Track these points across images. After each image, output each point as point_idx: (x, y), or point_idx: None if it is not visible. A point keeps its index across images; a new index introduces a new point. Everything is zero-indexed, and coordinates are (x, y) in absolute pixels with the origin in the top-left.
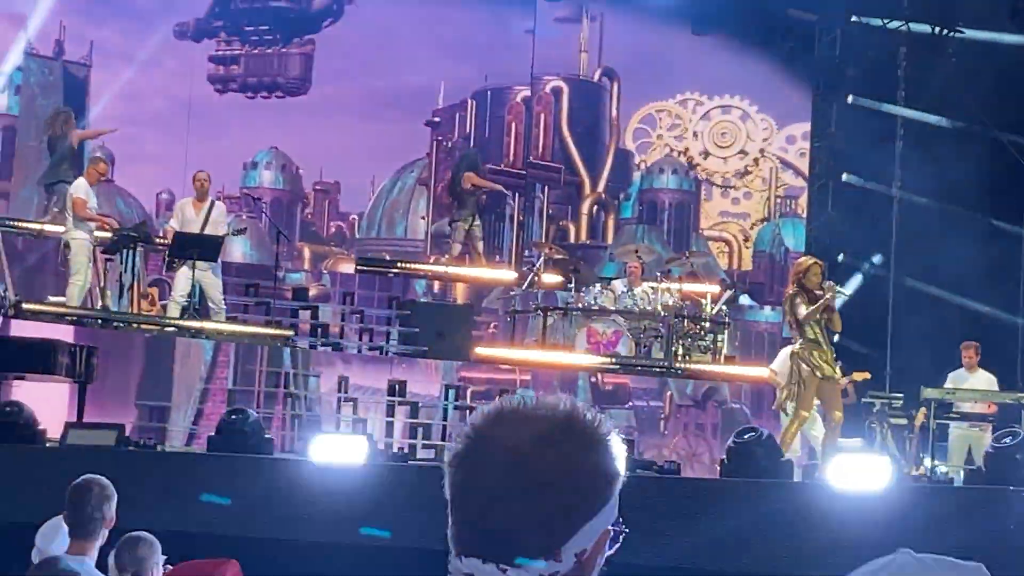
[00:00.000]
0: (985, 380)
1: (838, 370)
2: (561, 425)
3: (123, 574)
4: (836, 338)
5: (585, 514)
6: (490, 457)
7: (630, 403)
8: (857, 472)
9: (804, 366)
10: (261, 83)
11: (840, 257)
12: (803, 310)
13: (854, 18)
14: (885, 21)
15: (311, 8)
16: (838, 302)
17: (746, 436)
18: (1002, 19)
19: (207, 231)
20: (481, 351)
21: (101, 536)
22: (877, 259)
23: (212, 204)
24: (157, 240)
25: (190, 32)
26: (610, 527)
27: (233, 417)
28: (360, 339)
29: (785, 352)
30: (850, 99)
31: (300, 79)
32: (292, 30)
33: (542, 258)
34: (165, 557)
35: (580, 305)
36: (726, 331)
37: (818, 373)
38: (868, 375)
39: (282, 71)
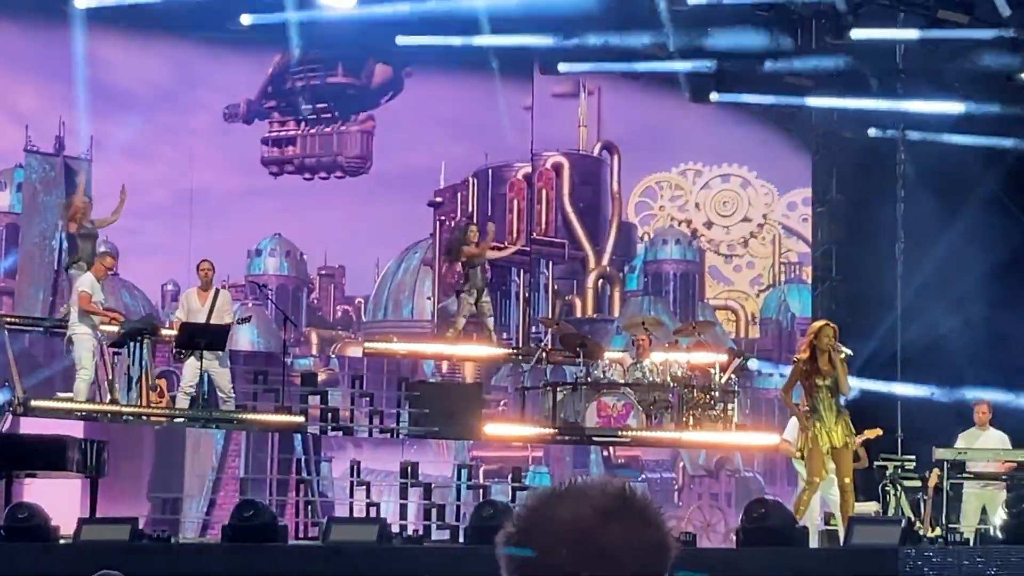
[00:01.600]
0: (997, 438)
1: (846, 437)
2: (619, 500)
3: None
4: (846, 399)
5: None
6: (553, 533)
7: (643, 475)
8: (873, 535)
9: (810, 436)
10: (320, 163)
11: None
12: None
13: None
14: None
15: (371, 83)
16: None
17: (757, 512)
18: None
19: (213, 320)
20: (491, 429)
21: None
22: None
23: (217, 293)
24: (164, 332)
25: (241, 115)
26: None
27: (245, 506)
28: (370, 422)
29: (795, 420)
30: (843, 158)
31: (361, 157)
32: (351, 107)
33: (549, 334)
34: None
35: (589, 379)
36: (736, 400)
37: (820, 444)
38: (880, 432)
39: (342, 150)
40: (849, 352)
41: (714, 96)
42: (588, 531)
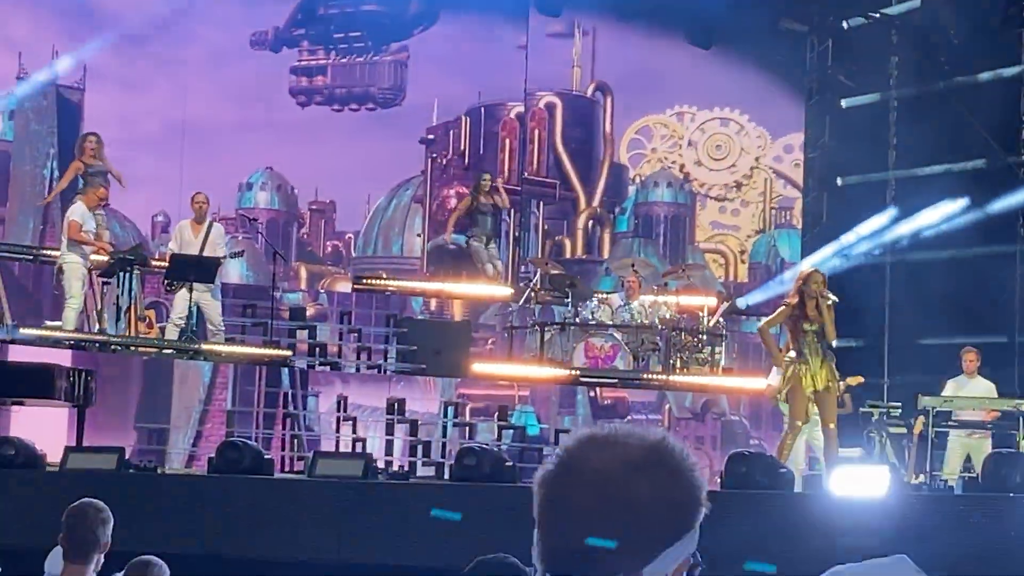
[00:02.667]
0: (984, 387)
1: (832, 382)
2: (651, 452)
3: None
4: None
5: (667, 540)
6: (580, 479)
7: (629, 417)
8: (858, 481)
9: (793, 379)
10: (351, 95)
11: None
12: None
13: (845, 24)
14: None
15: (407, 13)
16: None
17: (738, 469)
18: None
19: (205, 253)
20: (479, 368)
21: (96, 561)
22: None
23: (210, 226)
24: (154, 263)
25: (268, 42)
26: (690, 556)
27: (230, 448)
28: (358, 358)
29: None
30: (844, 103)
31: (393, 89)
32: (384, 37)
33: (539, 274)
34: None
35: (577, 320)
36: (723, 343)
37: (804, 387)
38: (862, 379)
39: (374, 81)
40: (835, 298)
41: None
42: (616, 481)
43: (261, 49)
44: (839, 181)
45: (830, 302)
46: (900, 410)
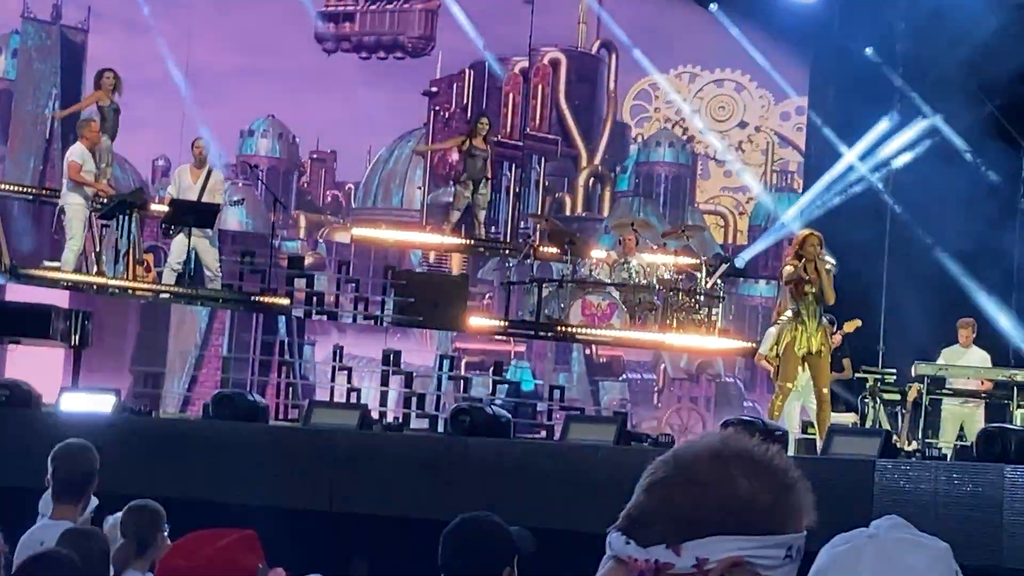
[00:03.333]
0: (979, 357)
1: (825, 346)
2: (741, 452)
3: (128, 542)
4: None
5: (717, 527)
6: (673, 457)
7: (624, 375)
8: (851, 446)
9: (786, 339)
10: (380, 42)
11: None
12: (787, 270)
13: None
14: None
15: None
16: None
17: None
18: None
19: (204, 199)
20: (476, 322)
21: (85, 500)
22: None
23: (210, 172)
24: (153, 207)
25: None
26: (745, 558)
27: (224, 402)
28: (355, 308)
29: (770, 331)
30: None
31: (424, 38)
32: None
33: (538, 230)
34: (168, 526)
35: (575, 277)
36: (721, 305)
37: (796, 348)
38: (859, 323)
39: (404, 29)
40: (833, 262)
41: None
42: (691, 460)
43: None
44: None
45: (828, 266)
46: (895, 376)
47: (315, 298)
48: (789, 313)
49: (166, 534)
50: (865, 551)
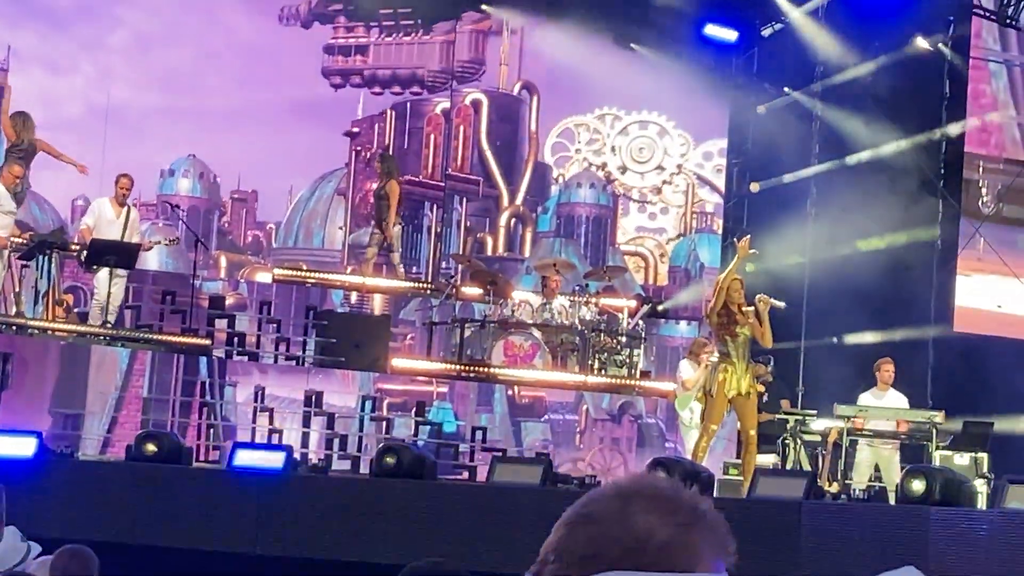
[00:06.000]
0: (896, 399)
1: (753, 388)
2: (646, 490)
3: None
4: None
5: (610, 564)
6: (583, 498)
7: (546, 416)
8: (776, 487)
9: (716, 379)
10: (396, 77)
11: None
12: (714, 316)
13: (767, 31)
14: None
15: None
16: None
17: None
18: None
19: (126, 237)
20: (398, 363)
21: None
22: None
23: (129, 210)
24: (73, 246)
25: (300, 17)
26: None
27: (147, 440)
28: (276, 349)
29: (681, 364)
30: (762, 109)
31: (444, 72)
32: (435, 15)
33: (460, 270)
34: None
35: (497, 318)
36: (642, 346)
37: (725, 389)
38: (783, 305)
39: (424, 63)
40: (781, 305)
41: (636, 45)
42: (594, 499)
43: (291, 24)
44: (755, 187)
45: (781, 306)
46: (815, 418)
47: (236, 339)
48: (716, 355)
49: None
50: None
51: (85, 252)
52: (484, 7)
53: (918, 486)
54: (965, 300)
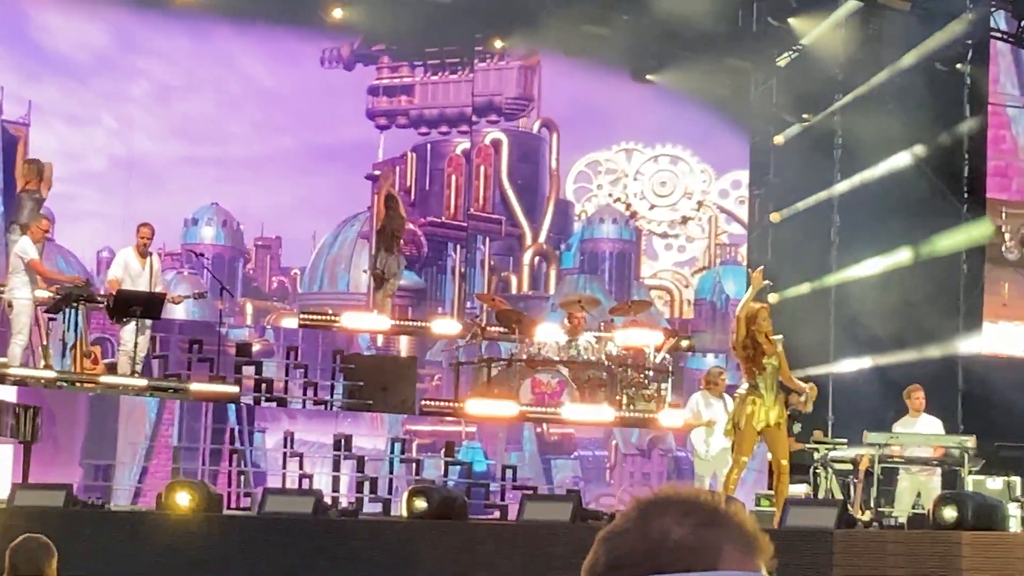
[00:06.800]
0: (930, 425)
1: (780, 418)
2: (664, 501)
3: None
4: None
5: (633, 570)
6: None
7: (575, 453)
8: (808, 517)
9: (743, 411)
10: (443, 116)
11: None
12: (739, 348)
13: (783, 60)
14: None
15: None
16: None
17: None
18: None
19: (152, 285)
20: (426, 404)
21: None
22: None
23: (152, 258)
24: (100, 298)
25: (342, 59)
26: None
27: (177, 488)
28: (304, 394)
29: (694, 397)
30: (779, 139)
31: (520, 101)
32: (460, 52)
33: (485, 310)
34: None
35: (524, 356)
36: (670, 379)
37: (755, 422)
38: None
39: (471, 101)
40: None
41: (653, 76)
42: (621, 518)
43: (333, 67)
44: (776, 217)
45: (781, 344)
46: (846, 446)
47: (264, 385)
48: (745, 386)
49: None
50: None
51: (112, 304)
52: (499, 42)
53: (950, 514)
54: (992, 347)
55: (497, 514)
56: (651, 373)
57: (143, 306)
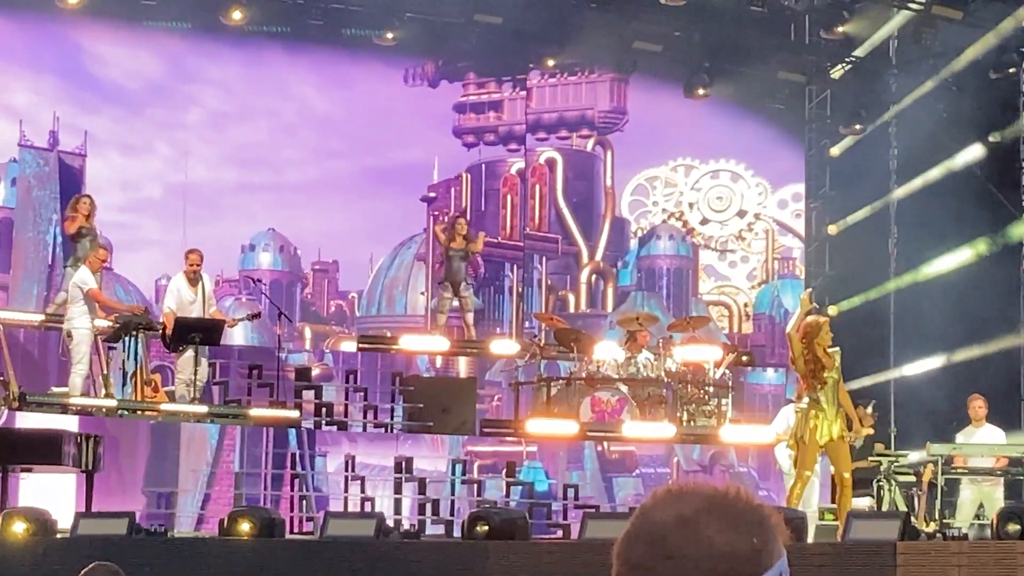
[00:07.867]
0: (991, 434)
1: (845, 432)
2: (704, 505)
3: None
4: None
5: None
6: (639, 534)
7: (637, 471)
8: (871, 530)
9: (806, 426)
10: (539, 121)
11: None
12: (800, 362)
13: (837, 72)
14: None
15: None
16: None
17: None
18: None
19: (206, 308)
20: (486, 424)
21: None
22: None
23: (202, 282)
24: (158, 326)
25: (426, 76)
26: None
27: (241, 517)
28: (364, 417)
29: (784, 411)
30: (835, 151)
31: (610, 117)
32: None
33: (543, 329)
34: None
35: (583, 374)
36: (730, 395)
37: (817, 436)
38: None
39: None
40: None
41: (706, 91)
42: (662, 534)
43: (417, 85)
44: (833, 229)
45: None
46: (908, 458)
47: (324, 409)
48: (806, 400)
49: None
50: None
51: (170, 335)
52: (551, 61)
53: (1013, 527)
54: None
55: (560, 533)
56: (711, 389)
57: (202, 332)
